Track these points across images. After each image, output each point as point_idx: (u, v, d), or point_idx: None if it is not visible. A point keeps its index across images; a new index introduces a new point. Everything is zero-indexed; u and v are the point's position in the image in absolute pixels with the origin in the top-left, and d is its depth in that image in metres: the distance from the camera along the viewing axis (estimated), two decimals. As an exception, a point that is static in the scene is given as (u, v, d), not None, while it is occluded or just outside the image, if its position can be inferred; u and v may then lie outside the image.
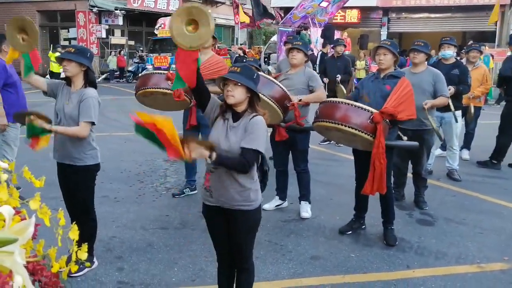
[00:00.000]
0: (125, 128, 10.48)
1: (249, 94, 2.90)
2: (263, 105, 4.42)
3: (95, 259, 4.13)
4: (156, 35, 23.15)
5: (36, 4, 23.68)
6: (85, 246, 1.21)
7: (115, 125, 10.88)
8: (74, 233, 1.20)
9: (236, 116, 2.94)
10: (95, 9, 22.57)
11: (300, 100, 4.87)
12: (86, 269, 3.98)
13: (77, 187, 3.91)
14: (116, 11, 22.87)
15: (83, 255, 1.20)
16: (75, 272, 3.79)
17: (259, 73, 4.92)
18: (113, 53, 23.26)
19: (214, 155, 2.69)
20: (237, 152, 2.85)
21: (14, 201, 1.13)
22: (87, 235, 4.03)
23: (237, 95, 2.85)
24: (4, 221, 1.11)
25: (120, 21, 23.30)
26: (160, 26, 22.75)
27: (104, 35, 23.28)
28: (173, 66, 19.16)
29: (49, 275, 1.22)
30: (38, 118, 3.60)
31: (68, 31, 24.41)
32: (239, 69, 2.90)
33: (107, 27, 23.59)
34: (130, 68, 22.84)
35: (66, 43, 23.72)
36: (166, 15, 23.58)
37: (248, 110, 2.93)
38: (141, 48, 25.14)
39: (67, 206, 4.05)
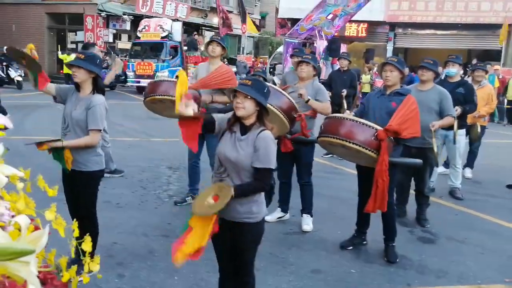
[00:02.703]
0: (129, 133, 10.52)
1: (258, 108, 2.93)
2: (270, 115, 4.47)
3: (95, 265, 4.13)
4: (139, 38, 20.89)
5: (45, 6, 23.83)
6: (97, 258, 1.23)
7: (119, 130, 10.89)
8: (87, 244, 1.21)
9: (244, 129, 2.96)
10: (103, 14, 22.67)
11: (307, 101, 4.90)
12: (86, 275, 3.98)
13: (80, 192, 3.94)
14: (124, 16, 22.94)
15: (96, 267, 1.21)
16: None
17: (269, 84, 4.96)
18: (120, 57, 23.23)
19: (233, 192, 2.81)
20: (245, 164, 2.88)
21: (29, 211, 1.15)
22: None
23: (246, 107, 2.88)
24: (20, 230, 1.12)
25: (127, 26, 23.37)
26: (144, 28, 20.61)
27: (111, 39, 23.37)
28: (159, 74, 17.82)
29: (59, 285, 1.24)
30: (48, 143, 3.71)
31: (76, 34, 24.50)
32: (250, 82, 2.93)
33: (114, 31, 23.68)
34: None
35: (73, 46, 23.83)
36: (150, 17, 22.73)
37: (256, 124, 2.95)
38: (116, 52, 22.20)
39: (70, 209, 4.06)
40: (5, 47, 3.97)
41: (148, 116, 6.05)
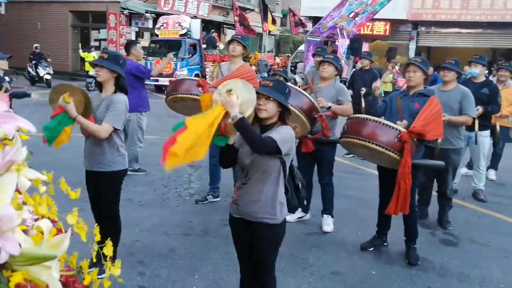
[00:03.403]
0: (150, 132, 10.56)
1: (280, 109, 2.91)
2: (291, 116, 4.45)
3: (117, 262, 4.17)
4: (157, 35, 20.22)
5: (68, 4, 24.14)
6: (118, 262, 1.23)
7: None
8: (108, 249, 1.22)
9: (264, 130, 2.95)
10: (126, 12, 22.85)
11: (329, 108, 4.87)
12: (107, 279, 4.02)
13: (103, 192, 3.96)
14: (146, 14, 23.09)
15: (117, 271, 1.22)
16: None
17: (289, 84, 4.95)
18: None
19: (239, 115, 2.71)
20: (263, 164, 2.87)
21: (51, 215, 1.16)
22: (111, 239, 4.09)
23: (268, 109, 2.87)
24: (42, 233, 1.14)
25: (150, 24, 23.52)
26: (162, 25, 20.01)
27: (133, 37, 23.53)
28: (178, 72, 17.37)
29: (81, 287, 1.25)
30: (78, 97, 3.63)
31: (99, 32, 24.76)
32: (272, 83, 2.91)
33: (136, 29, 23.86)
34: (91, 73, 17.53)
35: (96, 43, 24.09)
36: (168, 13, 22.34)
37: (278, 123, 2.94)
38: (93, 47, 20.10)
39: (92, 208, 4.11)
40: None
41: (168, 114, 6.13)
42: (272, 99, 2.84)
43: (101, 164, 3.87)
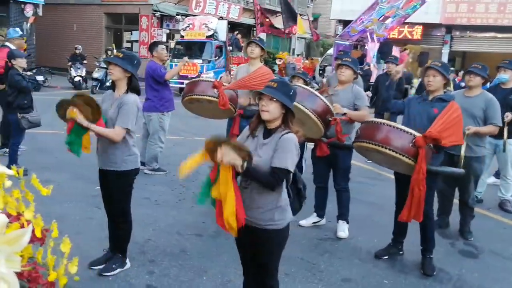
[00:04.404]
0: (174, 132, 10.63)
1: (283, 111, 2.86)
2: (305, 118, 4.38)
3: (127, 260, 4.20)
4: (183, 36, 19.46)
5: (103, 6, 24.59)
6: (75, 260, 1.21)
7: (165, 128, 11.05)
8: (65, 246, 1.20)
9: (268, 133, 2.90)
10: (157, 14, 23.12)
11: (344, 114, 4.78)
12: (118, 270, 4.06)
13: (114, 189, 4.01)
14: (177, 16, 23.29)
15: (73, 268, 1.19)
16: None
17: (303, 86, 4.88)
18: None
19: (245, 165, 2.64)
20: (267, 169, 2.81)
21: (11, 210, 1.14)
22: (122, 237, 4.13)
23: (271, 110, 2.81)
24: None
25: (180, 26, 23.72)
26: (188, 26, 19.30)
27: (164, 39, 23.76)
28: (203, 75, 16.48)
29: (45, 283, 1.23)
30: (83, 106, 3.63)
31: (131, 34, 25.13)
32: (276, 85, 2.86)
33: (167, 31, 24.09)
34: (95, 75, 17.65)
35: (129, 45, 24.45)
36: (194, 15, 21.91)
37: (281, 127, 2.88)
38: (111, 49, 18.86)
39: (105, 206, 4.18)
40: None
41: (192, 115, 6.18)
42: (275, 100, 2.79)
43: (112, 163, 3.90)
